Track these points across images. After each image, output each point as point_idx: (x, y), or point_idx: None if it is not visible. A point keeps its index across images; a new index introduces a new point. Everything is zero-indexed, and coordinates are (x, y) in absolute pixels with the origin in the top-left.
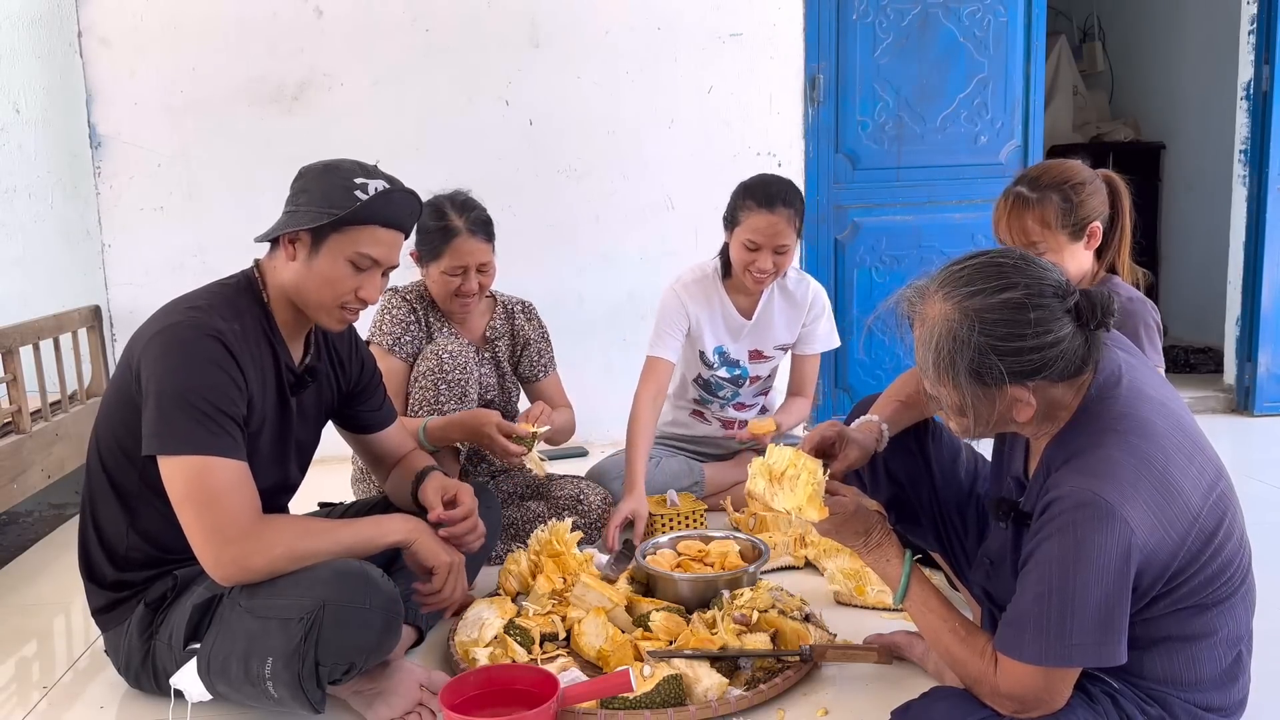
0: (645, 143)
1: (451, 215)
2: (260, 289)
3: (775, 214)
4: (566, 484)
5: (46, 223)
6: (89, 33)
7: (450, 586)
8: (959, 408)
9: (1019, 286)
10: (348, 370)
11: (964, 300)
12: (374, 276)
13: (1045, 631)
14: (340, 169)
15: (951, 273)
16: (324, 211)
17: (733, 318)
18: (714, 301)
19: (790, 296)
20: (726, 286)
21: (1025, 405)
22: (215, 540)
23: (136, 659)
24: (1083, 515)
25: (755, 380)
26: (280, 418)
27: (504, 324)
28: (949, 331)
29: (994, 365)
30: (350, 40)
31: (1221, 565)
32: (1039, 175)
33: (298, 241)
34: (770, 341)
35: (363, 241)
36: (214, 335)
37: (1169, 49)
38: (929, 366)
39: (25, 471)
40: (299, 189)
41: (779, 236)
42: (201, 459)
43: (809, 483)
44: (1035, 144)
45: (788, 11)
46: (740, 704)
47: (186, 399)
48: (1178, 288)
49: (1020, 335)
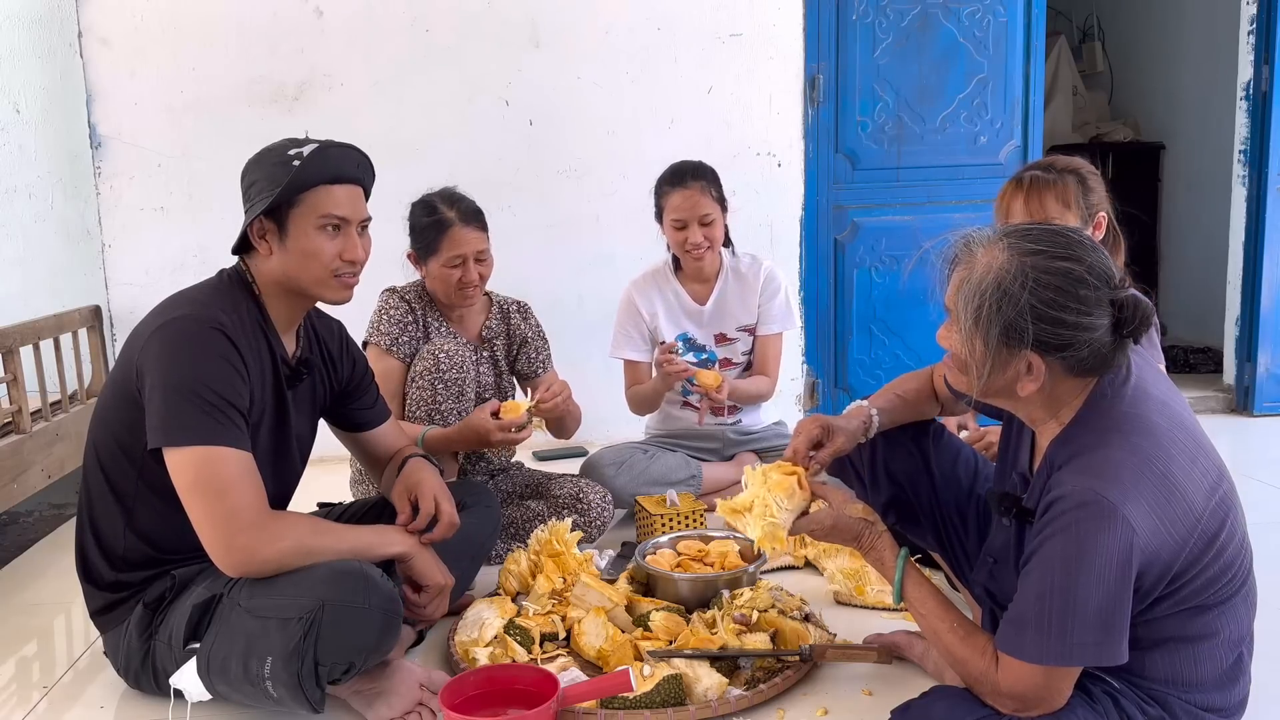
0: (645, 143)
1: (442, 208)
2: (250, 281)
3: (688, 188)
4: (566, 484)
5: (46, 223)
6: (89, 33)
7: (435, 606)
8: (968, 363)
9: (1083, 262)
10: (339, 368)
11: (1026, 255)
12: (350, 235)
13: (1047, 631)
14: (272, 149)
15: (1020, 229)
16: (272, 192)
17: (689, 305)
18: (668, 293)
19: (743, 278)
20: (680, 278)
21: (1033, 379)
22: (225, 530)
23: (136, 660)
24: (1085, 515)
25: (727, 364)
26: (278, 410)
27: (500, 324)
28: (998, 281)
29: (1025, 327)
30: (350, 40)
31: (1223, 566)
32: (1051, 162)
33: (267, 232)
34: (731, 323)
35: (320, 204)
36: (217, 327)
37: (1169, 49)
38: (964, 311)
39: (25, 471)
40: (246, 185)
41: (699, 207)
42: (210, 449)
43: (762, 516)
44: (1035, 144)
45: (788, 12)
46: (740, 704)
47: (193, 390)
48: (1177, 288)
49: (1064, 306)
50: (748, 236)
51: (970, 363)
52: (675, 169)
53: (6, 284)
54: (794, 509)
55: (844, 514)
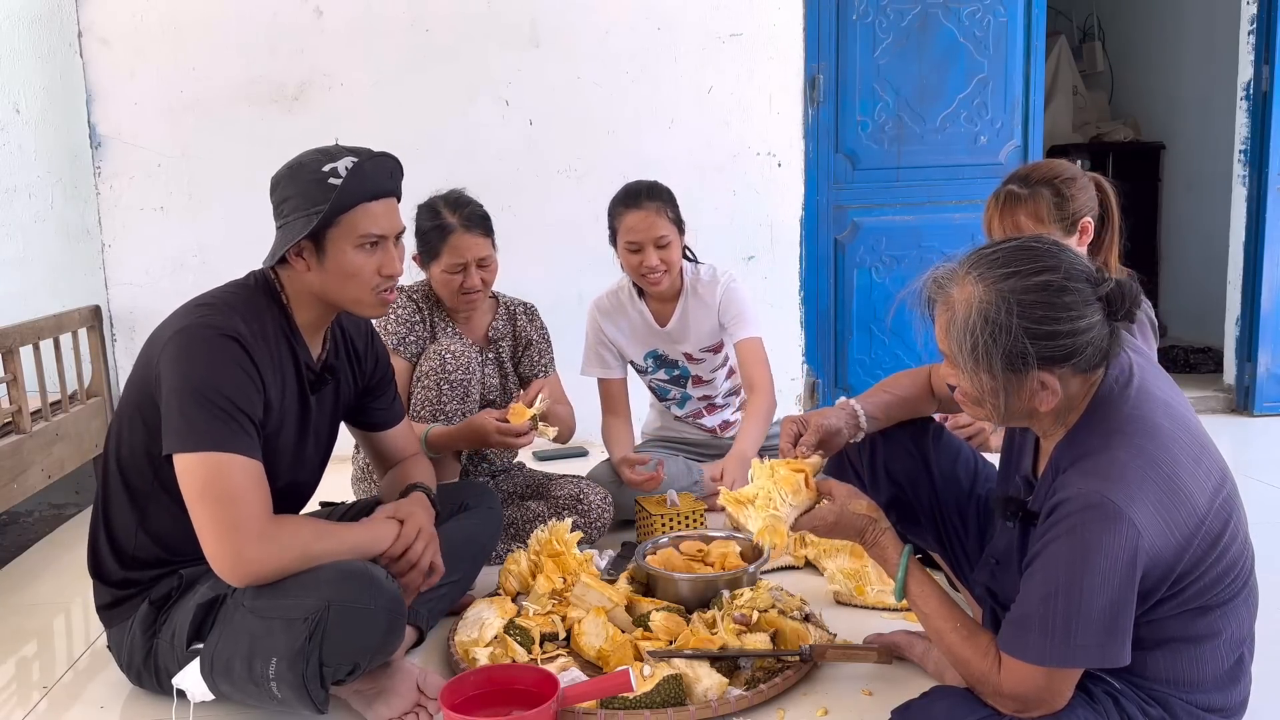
0: (645, 143)
1: (445, 213)
2: (278, 289)
3: (642, 209)
4: (566, 484)
5: (46, 223)
6: (89, 33)
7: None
8: (981, 396)
9: (1056, 269)
10: (364, 365)
11: (998, 282)
12: (388, 249)
13: (1050, 632)
14: (305, 165)
15: (983, 255)
16: (310, 213)
17: (651, 326)
18: (629, 313)
19: (700, 299)
20: (645, 298)
21: (1051, 394)
22: (229, 539)
23: (139, 657)
24: (1090, 517)
25: (700, 381)
26: (300, 416)
27: (506, 325)
28: (982, 314)
29: (1027, 350)
30: (350, 40)
31: (1226, 567)
32: (1029, 173)
33: (304, 251)
34: (695, 344)
35: (360, 224)
36: (232, 336)
37: (1169, 49)
38: (960, 353)
39: (25, 471)
40: (279, 200)
41: (654, 229)
42: (219, 455)
43: (764, 508)
44: (1035, 144)
45: (788, 11)
46: (740, 704)
47: (205, 396)
48: (1177, 288)
49: (1055, 319)
50: (748, 236)
51: (983, 397)
52: (629, 189)
53: (6, 284)
54: (798, 505)
55: (848, 510)
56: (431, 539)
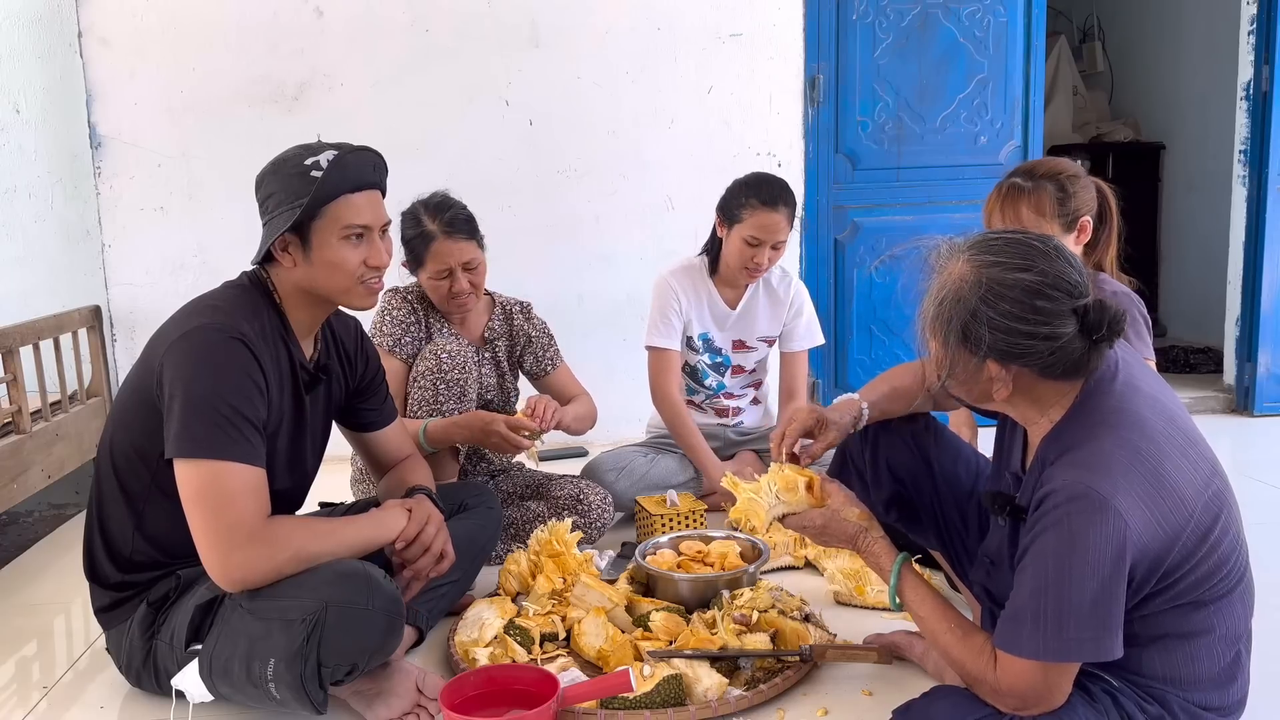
0: (645, 143)
1: (426, 220)
2: (271, 289)
3: (777, 212)
4: (566, 484)
5: (46, 223)
6: (89, 33)
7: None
8: (941, 362)
9: (1041, 273)
10: (354, 365)
11: (983, 267)
12: (373, 241)
13: (1042, 626)
14: (287, 159)
15: (985, 239)
16: (293, 206)
17: (719, 308)
18: (701, 291)
19: (774, 293)
20: (714, 279)
21: (1002, 385)
22: (222, 545)
23: (138, 658)
24: (1076, 508)
25: (739, 371)
26: (296, 416)
27: (502, 324)
28: (956, 291)
29: (982, 335)
30: (350, 40)
31: (1218, 562)
32: (1032, 168)
33: (289, 245)
34: (753, 333)
35: (342, 215)
36: (239, 338)
37: (1169, 49)
38: (927, 316)
39: (25, 471)
40: (263, 196)
41: (779, 233)
42: (217, 463)
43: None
44: (1035, 144)
45: (788, 12)
46: (740, 704)
47: (210, 403)
48: (1177, 288)
49: (1019, 317)
50: None
51: (940, 363)
52: (767, 185)
53: (6, 284)
54: (786, 503)
55: (838, 516)
56: (442, 525)
